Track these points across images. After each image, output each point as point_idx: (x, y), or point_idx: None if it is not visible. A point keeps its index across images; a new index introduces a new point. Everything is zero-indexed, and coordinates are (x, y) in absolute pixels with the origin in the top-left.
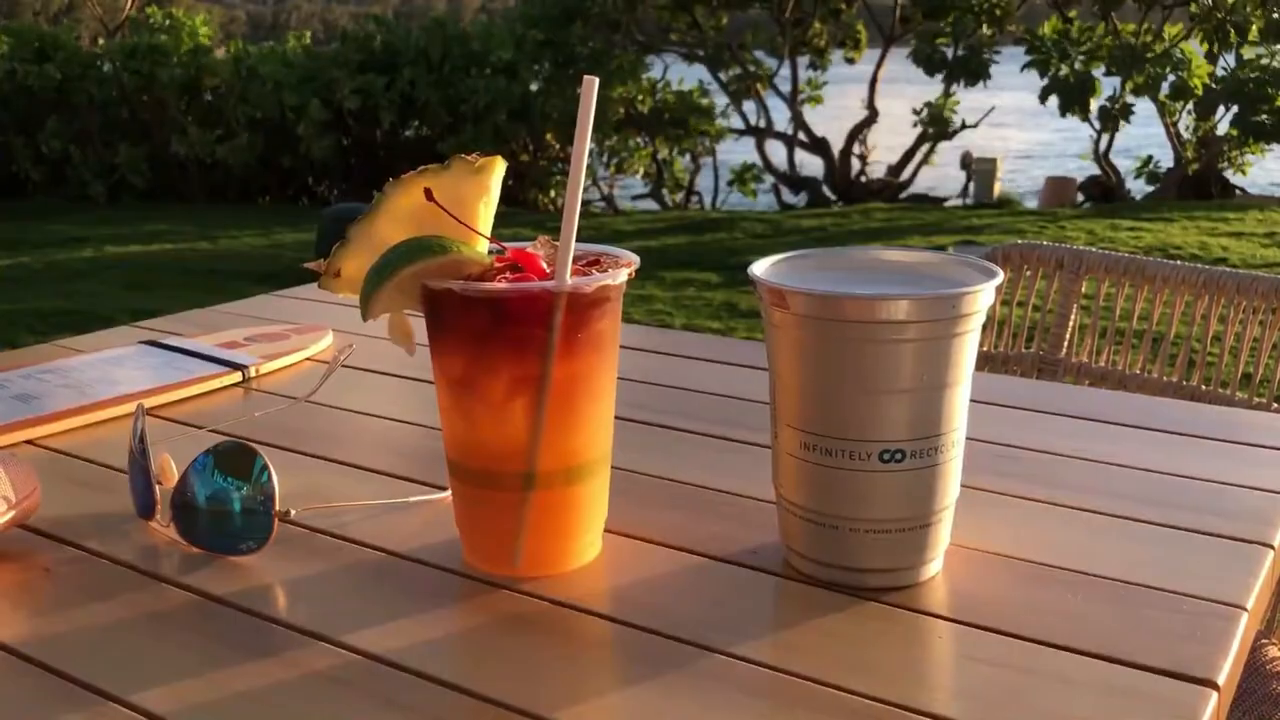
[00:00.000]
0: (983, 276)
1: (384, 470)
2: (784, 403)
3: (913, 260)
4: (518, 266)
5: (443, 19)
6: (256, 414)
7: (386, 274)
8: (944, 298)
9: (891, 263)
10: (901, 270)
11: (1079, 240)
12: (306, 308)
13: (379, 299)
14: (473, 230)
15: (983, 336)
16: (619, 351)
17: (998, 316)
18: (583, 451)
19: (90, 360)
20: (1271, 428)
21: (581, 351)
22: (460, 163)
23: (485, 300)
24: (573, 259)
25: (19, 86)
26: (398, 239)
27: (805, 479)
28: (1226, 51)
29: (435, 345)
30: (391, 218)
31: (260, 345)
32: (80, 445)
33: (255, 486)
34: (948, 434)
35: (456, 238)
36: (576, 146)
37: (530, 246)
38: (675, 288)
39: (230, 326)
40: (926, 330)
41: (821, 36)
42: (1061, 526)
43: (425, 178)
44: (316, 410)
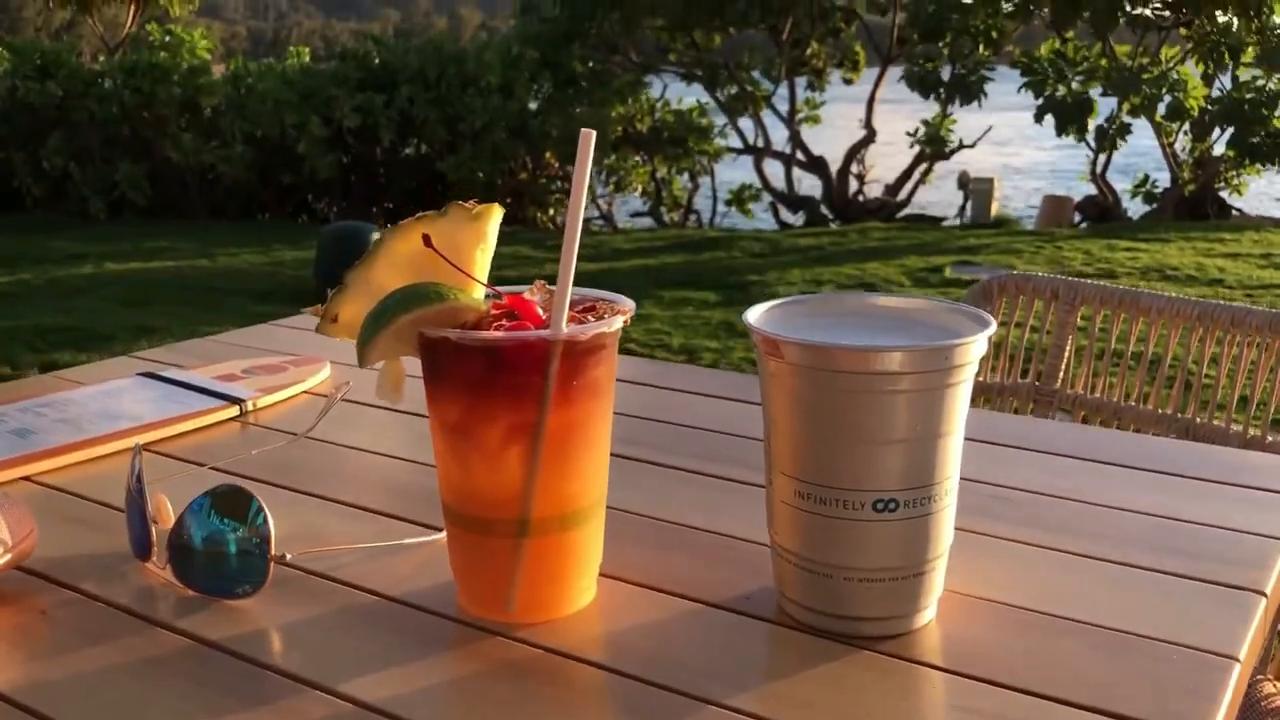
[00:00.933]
0: (976, 326)
1: (380, 510)
2: (778, 450)
3: (906, 307)
4: (514, 314)
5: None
6: (254, 451)
7: (384, 321)
8: (938, 349)
9: (886, 309)
10: (896, 317)
11: (1076, 261)
12: (305, 338)
13: (376, 346)
14: (470, 277)
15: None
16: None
17: (991, 347)
18: (578, 498)
19: (88, 393)
20: (1265, 468)
21: (577, 398)
22: (458, 209)
23: (481, 348)
24: (569, 305)
25: (20, 103)
26: (395, 285)
27: (799, 527)
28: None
29: (432, 392)
30: (389, 263)
31: (258, 378)
32: (77, 482)
33: (251, 530)
34: (941, 483)
35: (453, 284)
36: (573, 197)
37: (526, 292)
38: (673, 306)
39: (228, 357)
40: (920, 381)
41: (819, 57)
42: (1055, 571)
43: (423, 224)
44: (314, 446)
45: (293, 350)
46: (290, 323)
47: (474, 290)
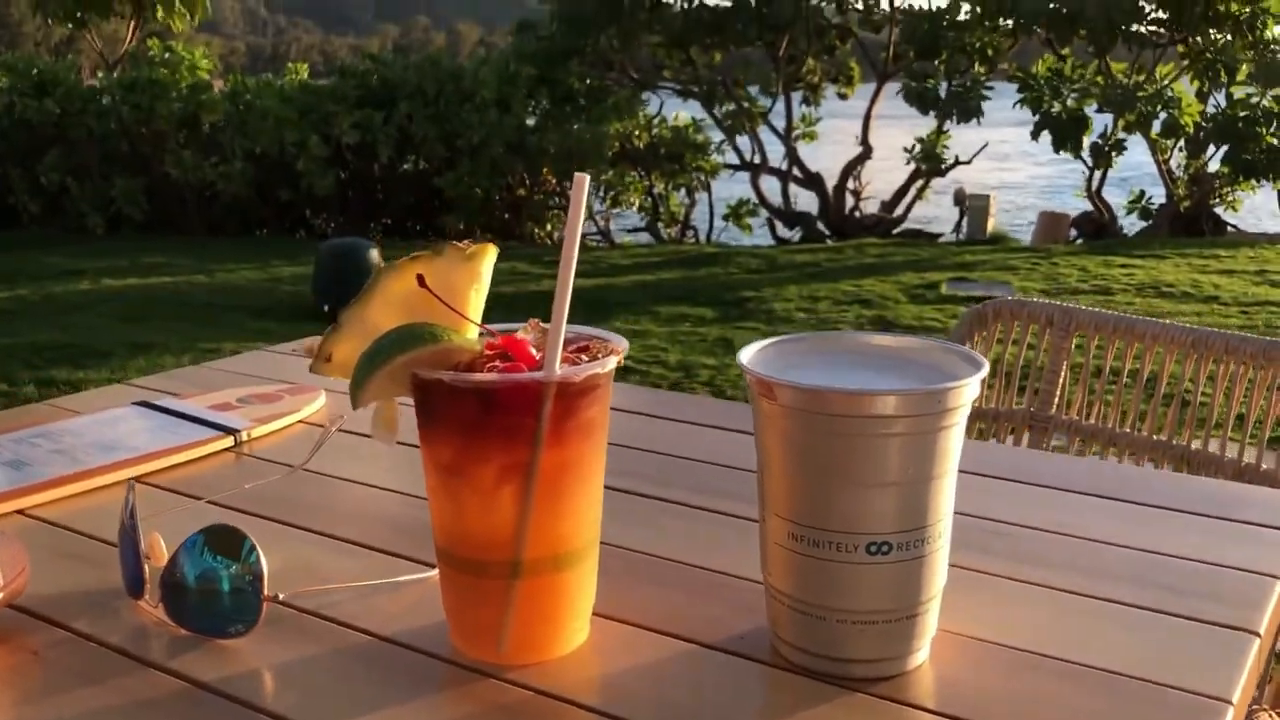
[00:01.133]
0: (969, 367)
1: (374, 545)
2: (771, 491)
3: (900, 346)
4: (508, 355)
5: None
6: (247, 485)
7: (378, 362)
8: (931, 393)
9: (880, 348)
10: (889, 356)
11: (1072, 277)
12: (301, 366)
13: (369, 387)
14: (464, 317)
15: None
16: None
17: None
18: (570, 539)
19: (83, 423)
20: (1260, 503)
21: (570, 439)
22: (453, 249)
23: (475, 390)
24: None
25: (17, 120)
26: (389, 324)
27: (792, 569)
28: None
29: (425, 432)
30: (383, 303)
31: (253, 407)
32: (71, 515)
33: (244, 568)
34: (934, 525)
35: (447, 325)
36: (567, 240)
37: (520, 330)
38: (670, 323)
39: (224, 385)
40: (913, 425)
41: (815, 73)
42: (1048, 610)
43: (417, 264)
44: (308, 479)
45: (288, 378)
46: (286, 348)
47: (468, 330)
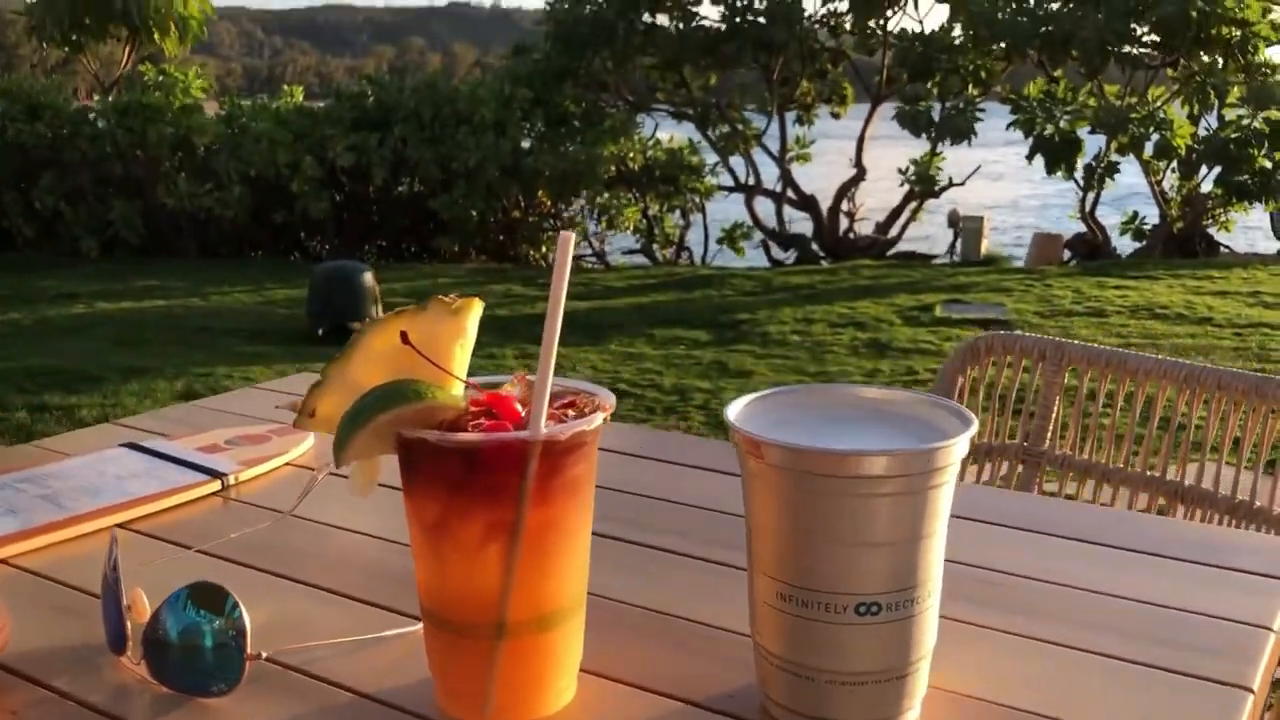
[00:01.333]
0: (958, 423)
1: (360, 596)
2: (760, 550)
3: (889, 400)
4: (493, 412)
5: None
6: (233, 535)
7: (361, 421)
8: (921, 453)
9: (868, 402)
10: (878, 411)
11: (1066, 299)
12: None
13: (353, 446)
14: (448, 373)
15: None
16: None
17: (981, 407)
18: (555, 599)
19: (70, 467)
20: (1251, 549)
21: (556, 498)
22: (438, 304)
23: (459, 449)
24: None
25: (11, 143)
26: (373, 380)
27: (781, 629)
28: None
29: (409, 490)
30: (367, 358)
31: (241, 449)
32: (56, 564)
33: (228, 624)
34: (924, 584)
35: (432, 381)
36: (552, 297)
37: (507, 384)
38: (665, 345)
39: (212, 425)
40: (902, 485)
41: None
42: (1040, 665)
43: (402, 319)
44: (295, 525)
45: (277, 418)
46: (276, 385)
47: (452, 387)
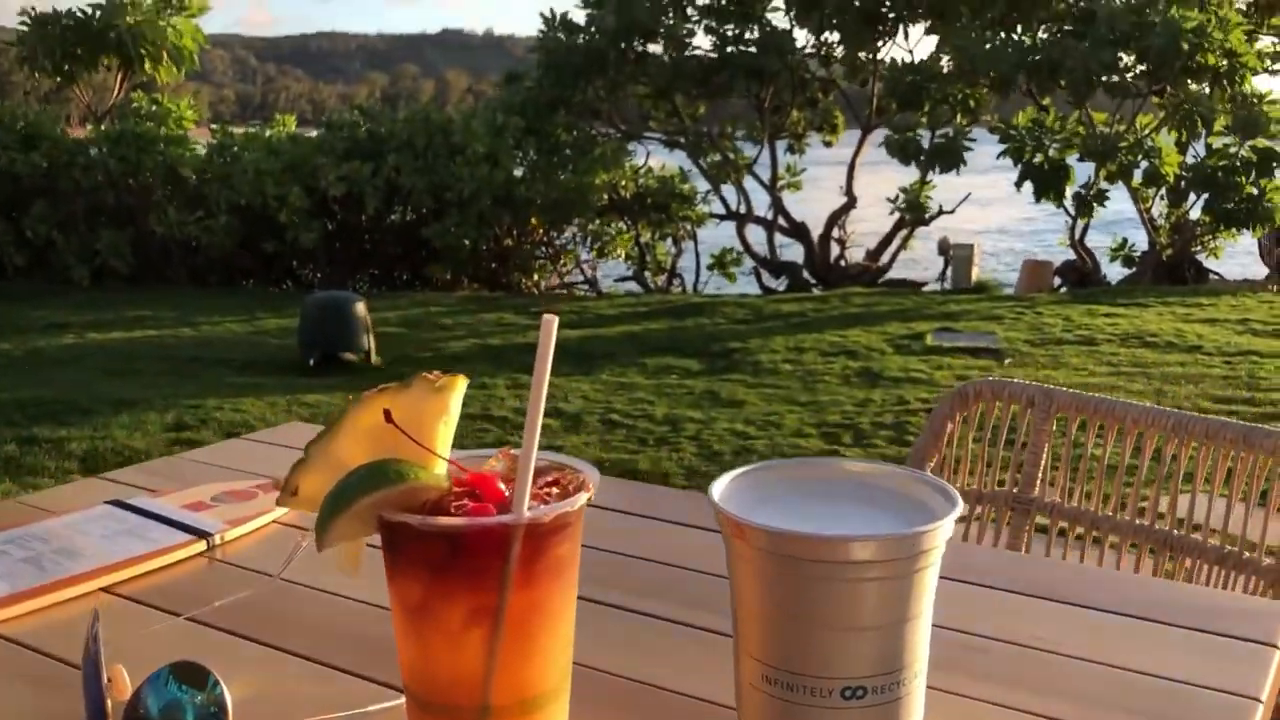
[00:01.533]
0: (944, 503)
1: (347, 668)
2: (746, 632)
3: (874, 475)
4: (476, 494)
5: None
6: (216, 604)
7: (343, 503)
8: (907, 538)
9: (853, 478)
10: (864, 487)
11: (1056, 327)
12: (276, 456)
13: (335, 529)
14: (431, 453)
15: (956, 470)
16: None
17: (969, 453)
18: (539, 682)
19: (53, 527)
20: (1239, 613)
21: (540, 580)
22: (421, 381)
23: (442, 534)
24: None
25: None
26: (356, 458)
27: (766, 713)
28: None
29: (392, 572)
30: (350, 436)
31: (227, 506)
32: (37, 632)
33: (209, 699)
34: (910, 665)
35: (414, 460)
36: (535, 383)
37: (491, 459)
38: (656, 375)
39: (199, 479)
40: (890, 569)
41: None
42: None
43: (385, 396)
44: (280, 589)
45: (264, 470)
46: (263, 436)
47: (435, 466)
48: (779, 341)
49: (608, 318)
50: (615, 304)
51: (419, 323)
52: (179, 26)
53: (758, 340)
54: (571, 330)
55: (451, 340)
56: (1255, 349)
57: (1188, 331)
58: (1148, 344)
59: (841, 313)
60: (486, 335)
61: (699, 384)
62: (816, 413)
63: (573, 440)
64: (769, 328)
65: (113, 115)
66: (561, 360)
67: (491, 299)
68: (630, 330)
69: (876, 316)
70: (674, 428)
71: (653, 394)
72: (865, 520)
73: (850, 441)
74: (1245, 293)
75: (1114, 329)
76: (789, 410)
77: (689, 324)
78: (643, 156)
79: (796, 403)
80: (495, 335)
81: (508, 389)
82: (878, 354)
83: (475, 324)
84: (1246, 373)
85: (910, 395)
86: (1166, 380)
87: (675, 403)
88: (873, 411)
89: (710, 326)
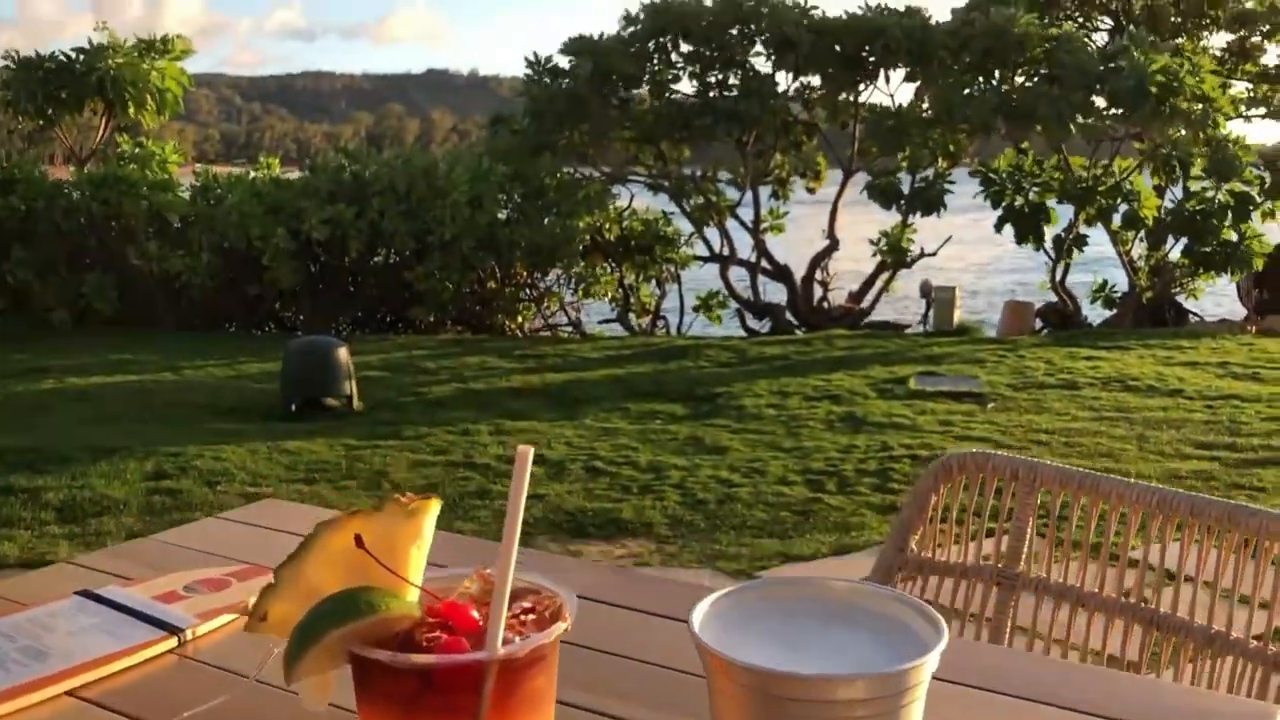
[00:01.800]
0: (928, 628)
1: None
2: None
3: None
4: (450, 626)
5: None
6: (185, 715)
7: (312, 636)
8: (893, 676)
9: (836, 599)
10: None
11: (1038, 371)
12: (252, 538)
13: (304, 662)
14: (403, 580)
15: (940, 544)
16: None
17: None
18: None
19: (20, 622)
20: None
21: (514, 714)
22: (393, 505)
23: (414, 669)
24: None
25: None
26: (327, 582)
27: None
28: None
29: (362, 706)
30: (321, 560)
31: (200, 597)
32: None
33: None
34: None
35: (386, 588)
36: (510, 510)
37: (465, 580)
38: (640, 420)
39: (171, 563)
40: (876, 706)
41: (783, 167)
42: None
43: (357, 520)
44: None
45: (238, 554)
46: (238, 515)
47: (407, 594)
48: (763, 385)
49: (592, 361)
50: (599, 346)
51: (402, 366)
52: (163, 70)
53: (741, 384)
54: (556, 374)
55: (434, 385)
56: (1236, 393)
57: (1169, 375)
58: (1129, 388)
59: (825, 356)
60: (469, 379)
61: (683, 429)
62: (801, 459)
63: (556, 489)
64: (753, 371)
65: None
66: (546, 405)
67: (475, 342)
68: (614, 373)
69: (860, 360)
70: (658, 475)
71: (637, 439)
72: (850, 646)
73: (834, 489)
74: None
75: (1096, 372)
76: (773, 457)
77: (673, 367)
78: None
79: (781, 448)
80: (478, 379)
81: (490, 435)
82: (861, 398)
83: (458, 368)
84: (1228, 417)
85: (894, 441)
86: (1149, 425)
87: (659, 449)
88: (856, 458)
89: (694, 369)
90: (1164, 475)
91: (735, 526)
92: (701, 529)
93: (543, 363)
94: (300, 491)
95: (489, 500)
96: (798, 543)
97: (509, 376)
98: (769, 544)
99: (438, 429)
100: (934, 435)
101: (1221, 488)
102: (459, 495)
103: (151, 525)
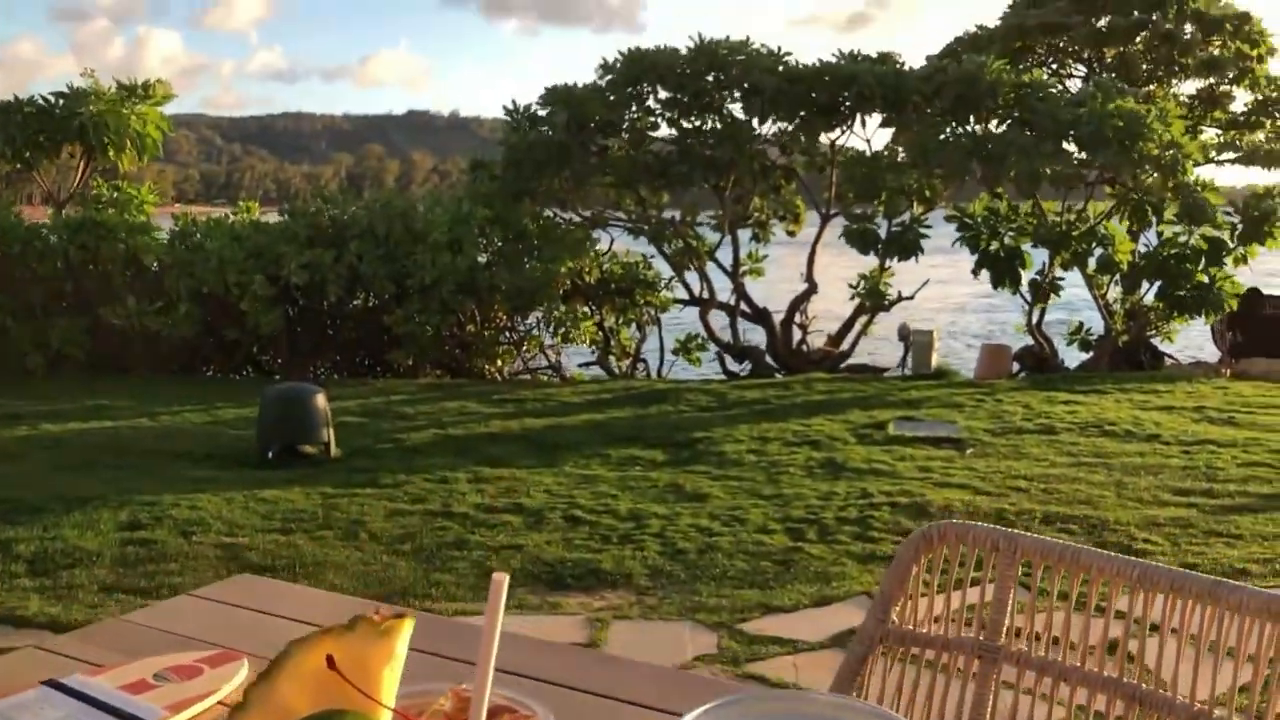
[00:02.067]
0: None
1: None
2: None
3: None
4: None
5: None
6: None
7: None
8: None
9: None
10: None
11: (1016, 415)
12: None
13: None
14: (376, 703)
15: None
16: None
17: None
18: None
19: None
20: None
21: None
22: (366, 625)
23: None
24: None
25: None
26: (298, 704)
27: None
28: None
29: None
30: (293, 680)
31: (170, 686)
32: None
33: None
34: None
35: (359, 708)
36: (485, 637)
37: (440, 699)
38: (620, 466)
39: (142, 646)
40: None
41: (762, 211)
42: None
43: (329, 639)
44: None
45: (211, 635)
46: (209, 593)
47: (379, 717)
48: (743, 430)
49: (571, 405)
50: (579, 391)
51: (380, 412)
52: (143, 115)
53: (721, 429)
54: (535, 419)
55: (412, 431)
56: (1211, 438)
57: (1145, 419)
58: (1107, 433)
59: (804, 400)
60: (448, 425)
61: (663, 476)
62: (781, 506)
63: (534, 538)
64: (733, 415)
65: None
66: (526, 451)
67: (454, 386)
68: (594, 419)
69: (839, 404)
70: (638, 523)
71: (616, 487)
72: None
73: (815, 537)
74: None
75: (1073, 417)
76: (753, 504)
77: (653, 411)
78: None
79: (761, 495)
80: (457, 425)
81: (469, 483)
82: (841, 444)
83: (437, 413)
84: (1204, 463)
85: (874, 488)
86: (1126, 471)
87: (639, 496)
88: (836, 505)
89: (674, 414)
90: (1142, 522)
91: (716, 577)
92: (682, 579)
93: (522, 407)
94: (276, 541)
95: (466, 550)
96: (779, 593)
97: (488, 422)
98: (750, 594)
99: (416, 476)
100: (913, 482)
101: (1199, 535)
102: (436, 545)
103: (124, 577)
